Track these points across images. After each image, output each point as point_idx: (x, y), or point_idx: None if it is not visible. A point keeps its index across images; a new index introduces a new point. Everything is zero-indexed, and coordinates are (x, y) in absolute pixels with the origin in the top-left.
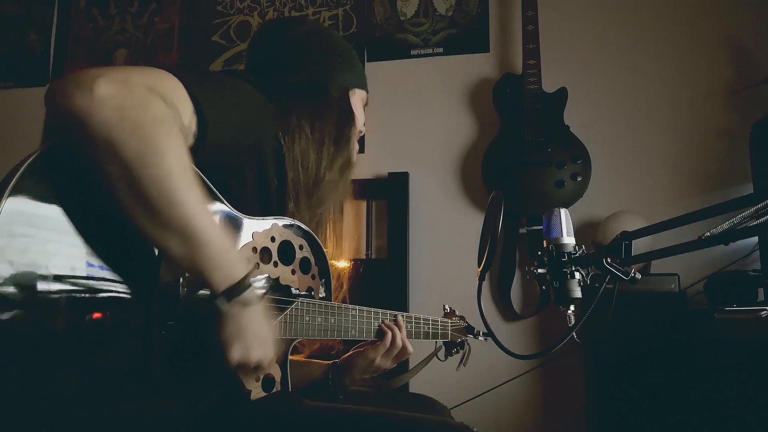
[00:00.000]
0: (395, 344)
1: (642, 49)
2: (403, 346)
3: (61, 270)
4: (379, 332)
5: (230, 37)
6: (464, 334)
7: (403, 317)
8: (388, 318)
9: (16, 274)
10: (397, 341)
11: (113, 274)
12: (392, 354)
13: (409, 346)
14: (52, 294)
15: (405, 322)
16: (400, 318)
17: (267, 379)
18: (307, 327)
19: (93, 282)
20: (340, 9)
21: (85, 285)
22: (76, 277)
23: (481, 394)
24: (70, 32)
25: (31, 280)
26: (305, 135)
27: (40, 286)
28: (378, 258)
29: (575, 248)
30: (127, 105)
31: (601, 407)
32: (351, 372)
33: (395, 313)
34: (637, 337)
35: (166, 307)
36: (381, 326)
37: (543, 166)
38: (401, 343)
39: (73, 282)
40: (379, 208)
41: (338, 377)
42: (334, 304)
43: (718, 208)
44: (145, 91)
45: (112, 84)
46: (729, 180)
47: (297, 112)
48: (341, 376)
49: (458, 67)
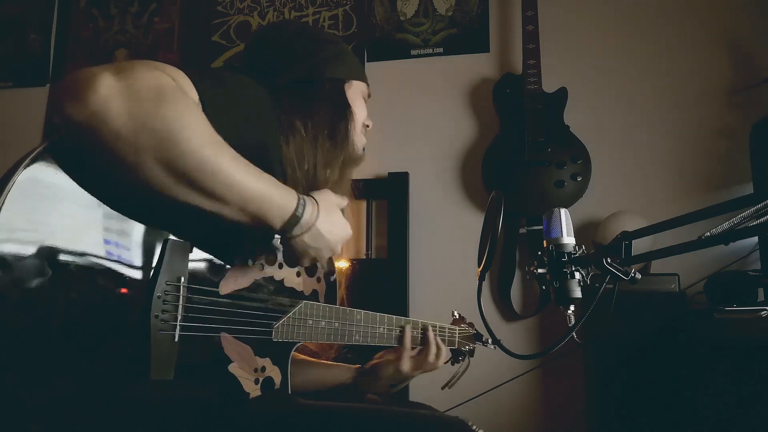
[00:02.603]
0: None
1: (642, 49)
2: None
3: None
4: (399, 338)
5: (230, 37)
6: (472, 341)
7: (411, 324)
8: (398, 323)
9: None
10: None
11: (114, 268)
12: (422, 365)
13: (441, 361)
14: (48, 290)
15: (411, 329)
16: (431, 333)
17: (266, 381)
18: (311, 330)
19: (94, 273)
20: (340, 9)
21: (82, 284)
22: (72, 274)
23: (481, 394)
24: (70, 32)
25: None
26: (299, 134)
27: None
28: (378, 258)
29: (575, 248)
30: (136, 90)
31: (601, 407)
32: (378, 377)
33: (401, 318)
34: (637, 337)
35: (166, 306)
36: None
37: (543, 166)
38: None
39: (68, 279)
40: (379, 208)
41: (366, 383)
42: (338, 308)
43: (718, 208)
44: (152, 71)
45: (121, 75)
46: (729, 180)
47: (289, 112)
48: (368, 382)
49: (458, 67)
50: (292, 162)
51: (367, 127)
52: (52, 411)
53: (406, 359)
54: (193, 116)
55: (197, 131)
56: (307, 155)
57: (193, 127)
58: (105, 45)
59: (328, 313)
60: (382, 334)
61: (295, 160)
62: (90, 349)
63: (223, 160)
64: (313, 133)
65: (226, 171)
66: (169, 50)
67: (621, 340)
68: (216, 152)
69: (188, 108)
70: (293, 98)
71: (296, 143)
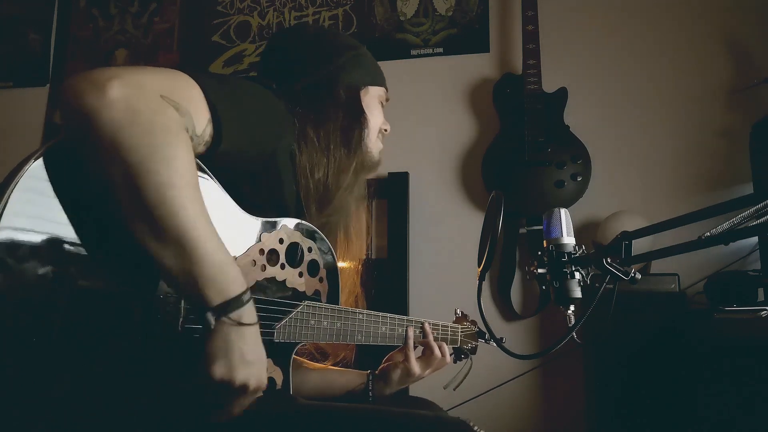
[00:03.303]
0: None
1: (642, 49)
2: (442, 354)
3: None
4: (403, 337)
5: (230, 37)
6: (475, 339)
7: (414, 323)
8: (400, 322)
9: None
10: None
11: (110, 277)
12: (431, 362)
13: (447, 355)
14: (43, 289)
15: (414, 327)
16: (427, 325)
17: (268, 383)
18: (313, 331)
19: (86, 281)
20: (340, 9)
21: (84, 286)
22: (71, 274)
23: (481, 394)
24: (70, 32)
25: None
26: (311, 142)
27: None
28: (378, 258)
29: (575, 248)
30: (138, 109)
31: (601, 407)
32: (389, 381)
33: (403, 317)
34: (637, 337)
35: (165, 312)
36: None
37: (543, 166)
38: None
39: (70, 280)
40: (379, 208)
41: (378, 388)
42: (341, 308)
43: (718, 208)
44: (157, 96)
45: (126, 87)
46: (729, 180)
47: (302, 120)
48: (380, 386)
49: (458, 67)
50: (305, 170)
51: (386, 131)
52: (52, 412)
53: (413, 359)
54: (174, 153)
55: (170, 169)
56: (320, 163)
57: (169, 164)
58: (105, 45)
59: (330, 313)
60: (384, 333)
61: (307, 168)
62: (91, 349)
63: (187, 207)
64: (325, 141)
65: (184, 221)
66: (169, 50)
67: (621, 340)
68: (182, 197)
69: (174, 145)
70: (307, 105)
71: (308, 152)
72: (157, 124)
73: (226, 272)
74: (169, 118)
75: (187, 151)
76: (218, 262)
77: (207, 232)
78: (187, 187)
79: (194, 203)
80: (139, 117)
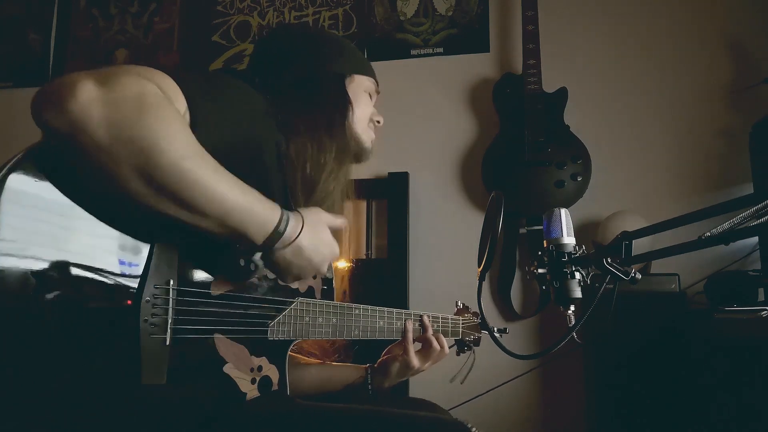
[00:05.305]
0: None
1: (642, 49)
2: (441, 347)
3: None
4: (401, 331)
5: (230, 37)
6: (477, 330)
7: (413, 316)
8: (398, 316)
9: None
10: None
11: (102, 274)
12: (430, 355)
13: (446, 347)
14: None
15: (415, 320)
16: (426, 318)
17: (264, 381)
18: (308, 327)
19: (82, 281)
20: (340, 9)
21: (73, 283)
22: (60, 272)
23: (481, 395)
24: (70, 32)
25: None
26: (298, 133)
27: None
28: (378, 258)
29: (575, 248)
30: (118, 98)
31: (601, 407)
32: (388, 374)
33: (402, 311)
34: (637, 337)
35: (156, 309)
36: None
37: (543, 166)
38: (431, 341)
39: (54, 288)
40: (379, 208)
41: (376, 381)
42: (336, 304)
43: (718, 208)
44: (132, 78)
45: (95, 84)
46: (729, 180)
47: (289, 111)
48: (379, 380)
49: (458, 67)
50: (293, 162)
51: (378, 122)
52: (44, 420)
53: (412, 351)
54: (174, 126)
55: (177, 142)
56: (306, 153)
57: (174, 137)
58: (105, 45)
59: (325, 309)
60: (382, 327)
61: (294, 159)
62: (80, 357)
63: (204, 172)
64: (311, 129)
65: (206, 183)
66: (169, 50)
67: (621, 340)
68: (197, 164)
69: (169, 118)
70: (294, 98)
71: (296, 143)
72: (144, 108)
73: (257, 212)
74: (151, 94)
75: (180, 120)
76: (247, 206)
77: (228, 183)
78: (195, 154)
79: (207, 163)
80: (123, 106)
